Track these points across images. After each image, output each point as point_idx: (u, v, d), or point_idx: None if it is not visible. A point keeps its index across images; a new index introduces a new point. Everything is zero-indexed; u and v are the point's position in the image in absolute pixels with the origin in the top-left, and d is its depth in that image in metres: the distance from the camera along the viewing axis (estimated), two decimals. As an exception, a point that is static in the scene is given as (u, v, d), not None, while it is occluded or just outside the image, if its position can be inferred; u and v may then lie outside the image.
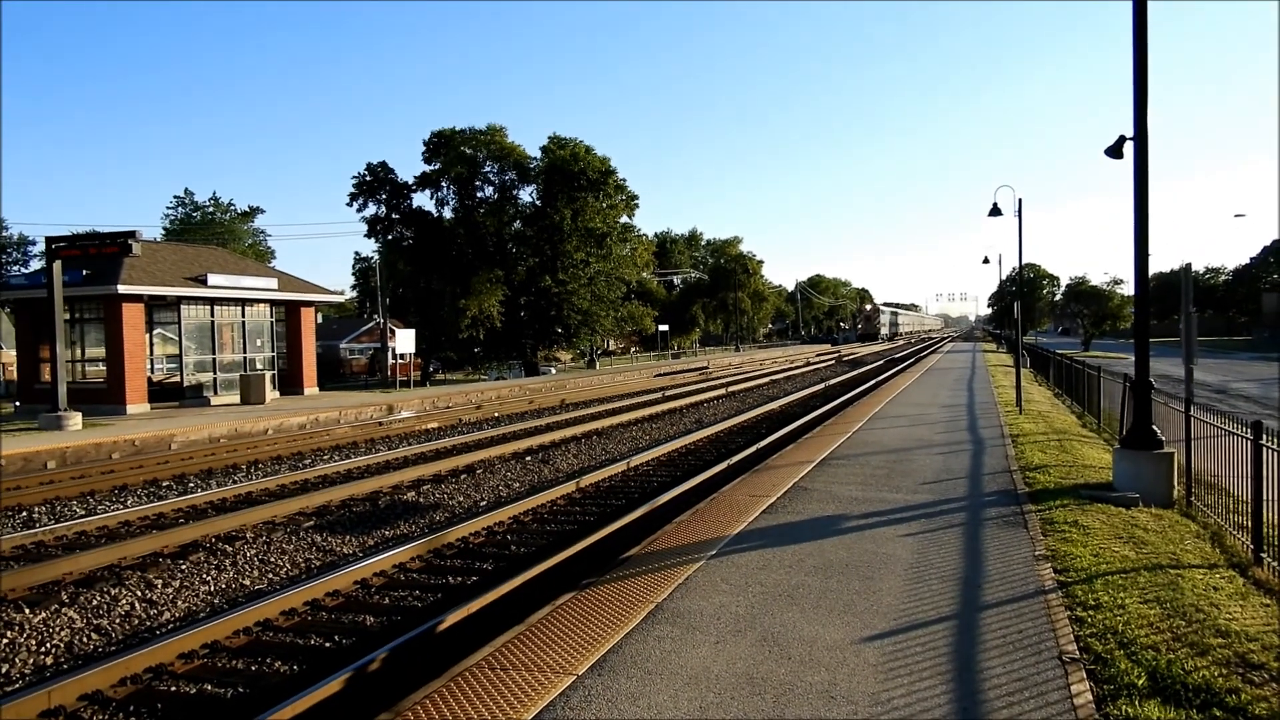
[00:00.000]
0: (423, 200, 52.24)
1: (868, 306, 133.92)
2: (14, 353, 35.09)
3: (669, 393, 31.51)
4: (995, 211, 25.02)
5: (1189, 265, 12.42)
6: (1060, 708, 4.45)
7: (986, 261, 48.16)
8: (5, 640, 7.23)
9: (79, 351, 27.57)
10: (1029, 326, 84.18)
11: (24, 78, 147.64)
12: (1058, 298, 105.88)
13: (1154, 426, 10.18)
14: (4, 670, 6.71)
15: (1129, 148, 10.47)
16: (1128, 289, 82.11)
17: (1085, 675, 4.87)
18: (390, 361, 40.21)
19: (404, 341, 37.11)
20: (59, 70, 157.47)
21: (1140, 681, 4.75)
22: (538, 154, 52.26)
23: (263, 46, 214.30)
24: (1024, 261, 28.65)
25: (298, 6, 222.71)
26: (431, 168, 50.86)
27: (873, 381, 34.79)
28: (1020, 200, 25.05)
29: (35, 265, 77.18)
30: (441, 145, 50.54)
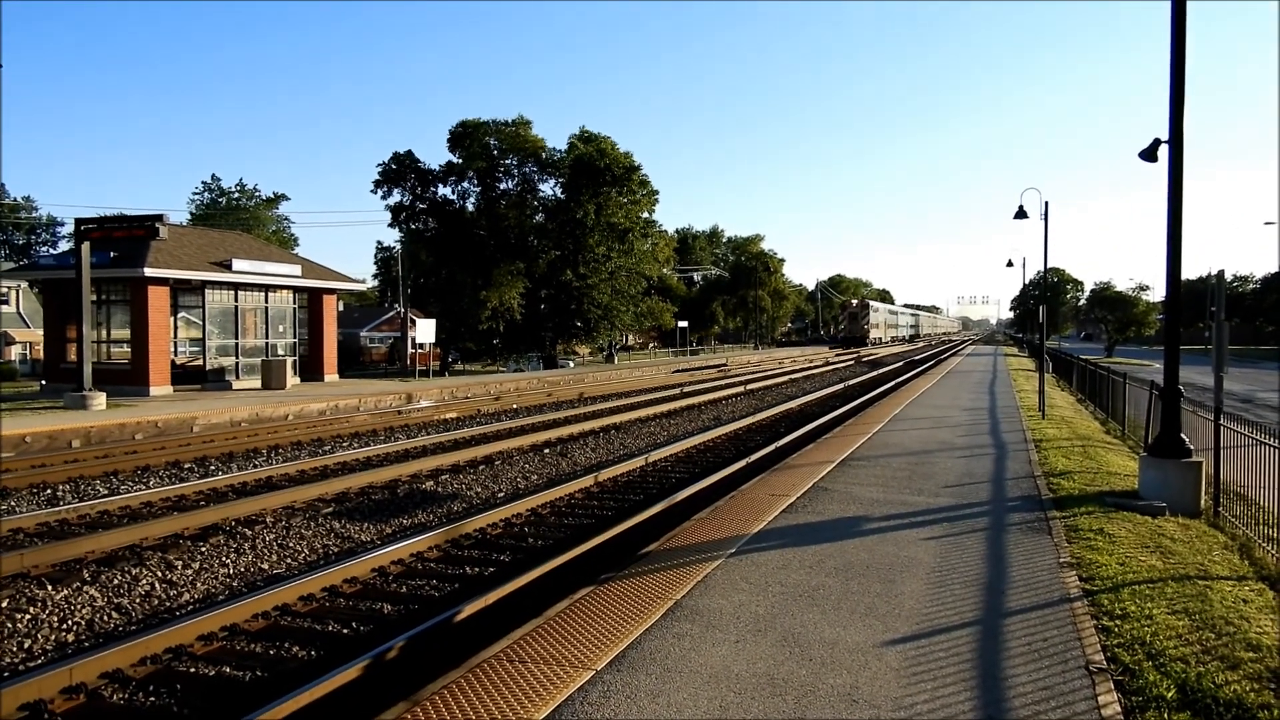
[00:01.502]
0: (447, 191, 52.43)
1: (853, 302, 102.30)
2: (41, 332, 35.51)
3: (687, 389, 31.44)
4: (1021, 214, 24.75)
5: (1221, 273, 12.18)
6: (1088, 719, 4.37)
7: (1010, 265, 47.77)
8: (28, 616, 7.30)
9: (105, 333, 27.88)
10: (1051, 331, 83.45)
11: (58, 63, 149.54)
12: (1081, 302, 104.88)
13: (1182, 435, 10.02)
14: (27, 646, 6.77)
15: (1164, 151, 10.30)
16: (1153, 295, 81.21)
17: (1113, 686, 4.78)
18: (410, 351, 40.44)
19: (424, 331, 37.27)
20: (91, 56, 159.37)
21: (1170, 694, 4.66)
22: (560, 147, 52.33)
23: (290, 36, 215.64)
24: (1048, 265, 28.38)
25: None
26: (455, 159, 50.99)
27: (892, 383, 34.56)
28: (1046, 203, 24.76)
29: (64, 246, 78.23)
30: (466, 136, 50.65)
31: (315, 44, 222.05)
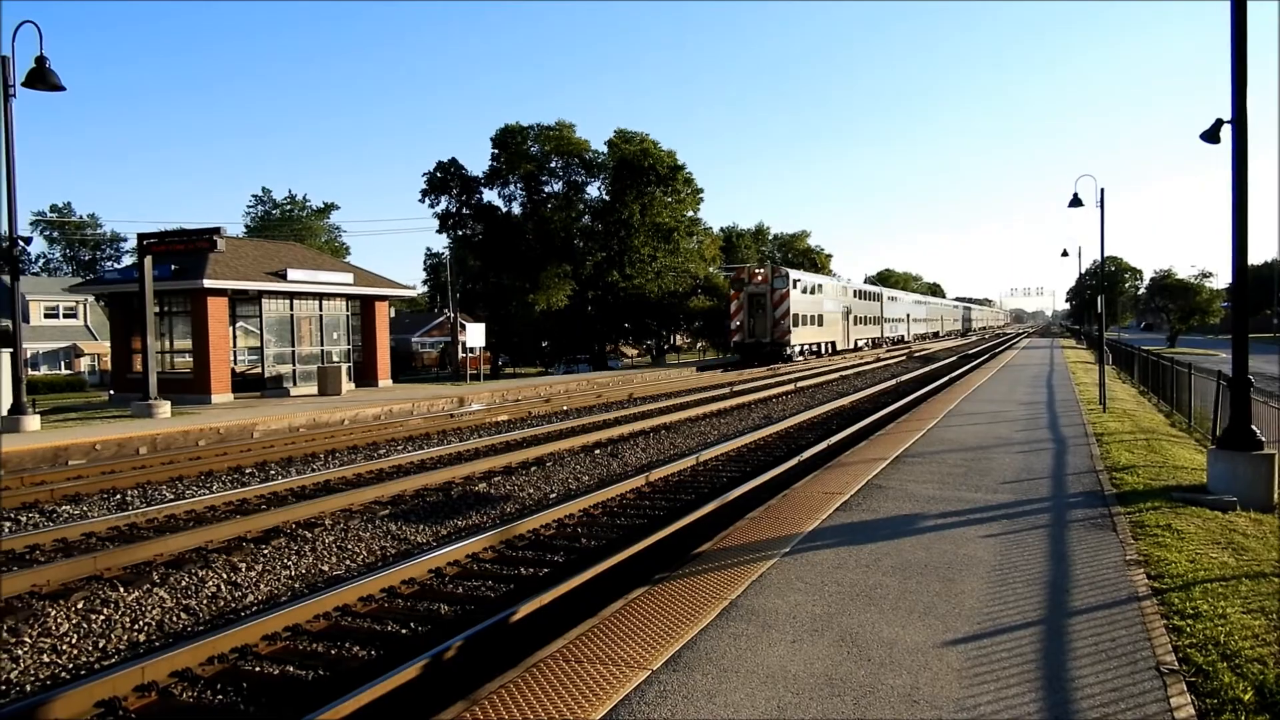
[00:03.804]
0: (493, 196, 53.04)
1: (756, 273, 49.84)
2: (108, 343, 36.75)
3: (737, 388, 31.29)
4: (1075, 202, 24.13)
5: (1292, 257, 11.77)
6: (1160, 721, 4.24)
7: (1065, 255, 46.57)
8: (102, 617, 7.55)
9: (168, 343, 28.73)
10: (1110, 322, 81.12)
11: (116, 87, 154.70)
12: (1141, 292, 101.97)
13: (1253, 426, 9.68)
14: (101, 645, 7.01)
15: (1226, 132, 9.95)
16: (1216, 282, 78.57)
17: (1186, 688, 4.63)
18: (460, 355, 40.88)
19: (474, 335, 37.67)
20: (146, 79, 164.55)
21: (1246, 696, 4.50)
22: (603, 148, 52.53)
23: (330, 45, 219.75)
24: (1105, 254, 27.60)
25: (366, 6, 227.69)
26: (499, 165, 51.53)
27: (946, 378, 33.97)
28: (1102, 190, 24.08)
29: (127, 261, 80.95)
30: (508, 142, 51.16)
31: (357, 53, 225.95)
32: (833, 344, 57.46)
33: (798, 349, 49.69)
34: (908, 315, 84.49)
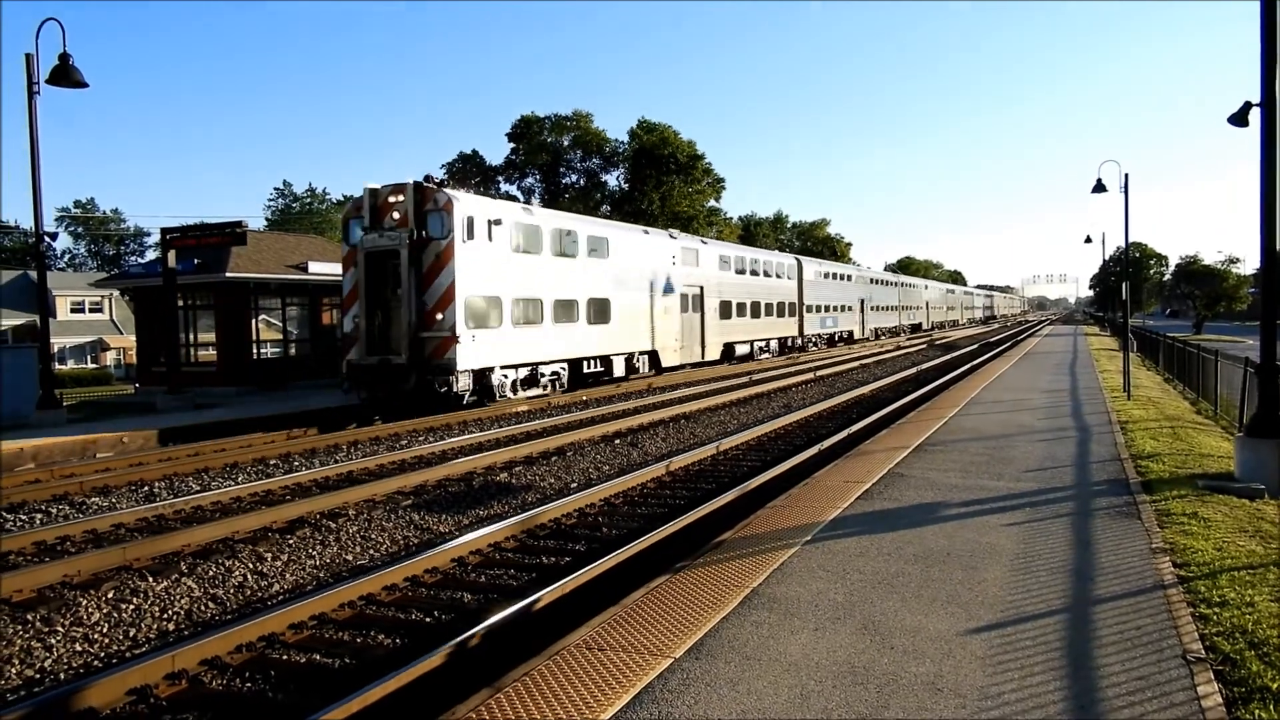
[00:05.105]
0: (511, 188, 53.10)
1: (393, 208, 20.06)
2: (133, 337, 37.18)
3: (756, 377, 31.23)
4: (1099, 188, 23.90)
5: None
6: (1187, 709, 4.21)
7: (1089, 241, 46.13)
8: (132, 606, 7.68)
9: (192, 336, 29.03)
10: (1135, 309, 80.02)
11: (136, 82, 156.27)
12: (1166, 278, 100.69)
13: (1281, 414, 9.54)
14: (132, 634, 7.13)
15: (1255, 114, 9.80)
16: (1244, 268, 77.39)
17: (1213, 676, 4.60)
18: (480, 345, 41.00)
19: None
20: (166, 75, 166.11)
21: (1275, 685, 4.46)
22: (624, 138, 52.45)
23: (349, 38, 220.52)
24: (1130, 240, 27.30)
25: (379, 5, 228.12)
26: (515, 157, 51.56)
27: (967, 366, 33.75)
28: (1126, 175, 23.83)
29: (151, 255, 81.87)
30: (525, 132, 51.15)
31: (374, 47, 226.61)
32: (650, 355, 29.81)
33: (500, 379, 22.21)
34: (860, 301, 58.22)
